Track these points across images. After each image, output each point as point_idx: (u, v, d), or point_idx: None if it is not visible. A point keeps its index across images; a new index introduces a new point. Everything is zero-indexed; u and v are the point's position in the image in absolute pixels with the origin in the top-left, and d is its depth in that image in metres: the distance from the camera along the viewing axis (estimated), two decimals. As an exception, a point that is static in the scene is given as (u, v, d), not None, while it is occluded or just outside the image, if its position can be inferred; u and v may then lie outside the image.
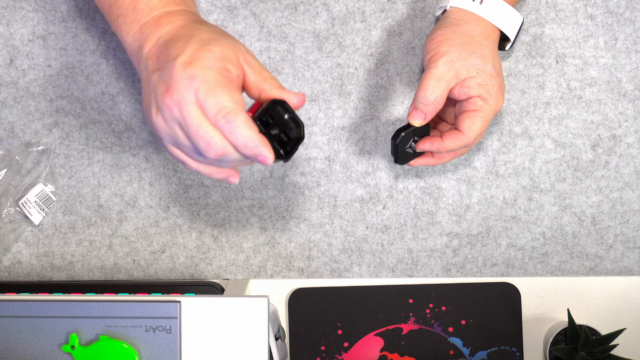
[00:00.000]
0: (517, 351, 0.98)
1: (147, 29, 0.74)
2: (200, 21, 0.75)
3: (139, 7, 0.75)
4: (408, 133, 0.84)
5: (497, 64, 0.83)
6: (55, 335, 0.82)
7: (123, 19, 0.75)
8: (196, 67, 0.68)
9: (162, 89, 0.69)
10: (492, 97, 0.82)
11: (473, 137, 0.82)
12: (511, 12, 0.85)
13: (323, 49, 0.96)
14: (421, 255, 0.98)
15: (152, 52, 0.73)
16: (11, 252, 0.98)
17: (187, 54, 0.69)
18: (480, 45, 0.82)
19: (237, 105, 0.68)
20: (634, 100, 0.96)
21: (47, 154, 0.97)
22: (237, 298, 0.81)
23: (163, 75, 0.70)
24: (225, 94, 0.68)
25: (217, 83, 0.68)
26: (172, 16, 0.74)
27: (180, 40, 0.71)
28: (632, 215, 0.97)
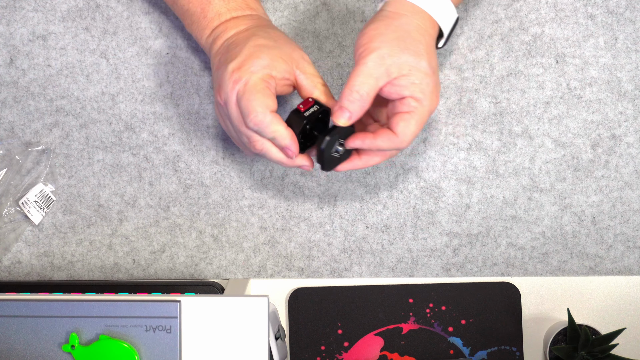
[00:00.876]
0: (517, 351, 0.98)
1: (216, 32, 0.83)
2: (262, 25, 0.82)
3: (209, 16, 0.83)
4: (333, 137, 0.78)
5: (432, 62, 0.77)
6: (56, 334, 0.82)
7: (196, 25, 0.84)
8: (242, 72, 0.76)
9: (215, 87, 0.79)
10: (426, 97, 0.76)
11: (407, 141, 0.77)
12: (449, 6, 0.79)
13: (323, 49, 0.96)
14: (421, 254, 0.98)
15: (219, 51, 0.81)
16: (11, 251, 0.98)
17: (238, 60, 0.77)
18: (414, 40, 0.76)
19: (265, 108, 0.75)
20: (634, 99, 0.96)
21: (47, 153, 0.97)
22: (237, 298, 0.81)
23: (218, 74, 0.79)
24: (256, 98, 0.75)
25: (254, 88, 0.75)
26: (238, 21, 0.83)
27: (239, 45, 0.79)
28: (632, 214, 0.97)
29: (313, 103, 0.79)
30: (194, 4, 0.84)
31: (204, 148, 0.97)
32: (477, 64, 0.96)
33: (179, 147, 0.97)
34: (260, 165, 0.97)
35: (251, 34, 0.80)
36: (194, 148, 0.97)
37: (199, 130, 0.97)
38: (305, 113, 0.78)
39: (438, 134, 0.97)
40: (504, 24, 0.95)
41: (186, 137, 0.97)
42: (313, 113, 0.78)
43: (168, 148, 0.97)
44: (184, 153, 0.97)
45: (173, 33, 0.96)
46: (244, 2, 0.84)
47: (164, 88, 0.96)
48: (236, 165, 0.97)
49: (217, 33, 0.83)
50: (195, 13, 0.84)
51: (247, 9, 0.84)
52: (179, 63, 0.96)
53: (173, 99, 0.96)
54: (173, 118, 0.97)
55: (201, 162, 0.97)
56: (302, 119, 0.78)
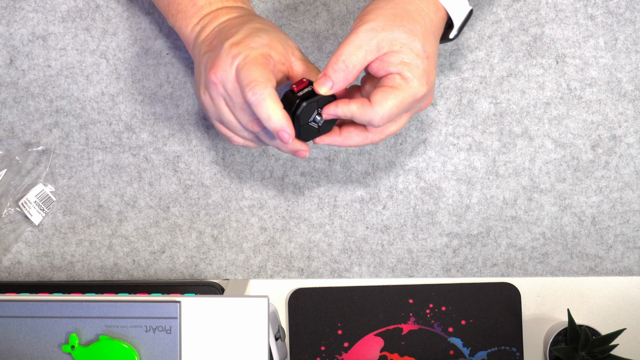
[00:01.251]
0: (517, 351, 0.98)
1: (205, 19, 0.79)
2: (256, 15, 0.80)
3: (199, 4, 0.80)
4: (311, 103, 0.72)
5: (428, 46, 0.73)
6: (55, 335, 0.82)
7: (183, 14, 0.80)
8: (241, 47, 0.72)
9: (209, 67, 0.74)
10: (414, 78, 0.72)
11: (380, 116, 0.72)
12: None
13: (323, 49, 0.96)
14: (421, 255, 0.98)
15: (207, 37, 0.77)
16: (11, 252, 0.98)
17: (236, 37, 0.73)
18: (412, 20, 0.72)
19: (266, 80, 0.70)
20: (634, 100, 0.96)
21: (47, 154, 0.97)
22: (237, 298, 0.81)
23: (212, 55, 0.74)
24: (257, 70, 0.71)
25: (254, 60, 0.71)
26: (230, 10, 0.79)
27: (235, 27, 0.75)
28: (632, 215, 0.97)
29: (307, 83, 0.74)
30: None
31: (204, 148, 0.97)
32: (477, 65, 0.96)
33: (179, 147, 0.97)
34: (260, 165, 0.97)
35: (247, 19, 0.77)
36: (194, 149, 0.97)
37: (199, 131, 0.97)
38: (299, 93, 0.73)
39: (438, 135, 0.97)
40: (504, 25, 0.95)
41: (186, 138, 0.97)
42: (308, 93, 0.73)
43: (168, 148, 0.97)
44: (184, 153, 0.97)
45: (173, 33, 0.96)
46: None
47: (164, 88, 0.96)
48: (236, 165, 0.97)
49: (207, 20, 0.79)
50: (183, 2, 0.80)
51: (239, 1, 0.81)
52: (179, 63, 0.96)
53: (173, 100, 0.96)
54: (173, 118, 0.97)
55: (201, 162, 0.97)
56: (296, 98, 0.73)
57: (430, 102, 0.77)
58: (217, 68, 0.73)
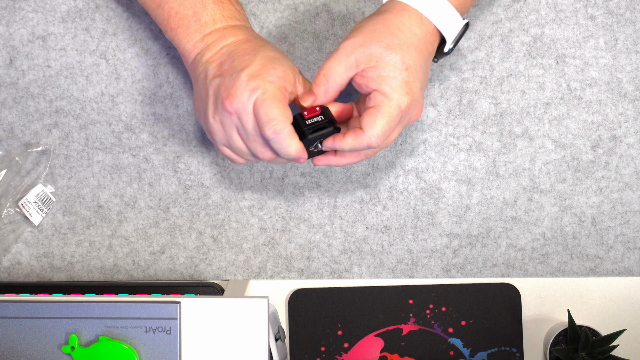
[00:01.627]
0: (517, 352, 0.98)
1: (210, 38, 0.80)
2: (261, 38, 0.81)
3: (203, 20, 0.80)
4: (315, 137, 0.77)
5: (408, 58, 0.75)
6: (55, 336, 0.82)
7: (184, 29, 0.81)
8: (260, 81, 0.74)
9: (223, 95, 0.75)
10: (393, 91, 0.74)
11: (375, 137, 0.75)
12: (447, 8, 0.77)
13: (323, 49, 0.96)
14: (421, 255, 0.98)
15: (214, 58, 0.78)
16: (11, 252, 0.98)
17: (253, 67, 0.75)
18: (390, 34, 0.75)
19: (285, 119, 0.74)
20: (634, 100, 0.96)
21: (46, 154, 0.97)
22: (237, 299, 0.81)
23: (225, 82, 0.76)
24: (277, 107, 0.74)
25: (274, 97, 0.74)
26: (236, 29, 0.80)
27: (247, 54, 0.77)
28: (633, 215, 0.97)
29: (319, 112, 0.78)
30: (186, 6, 0.81)
31: (204, 149, 0.97)
32: (477, 65, 0.96)
33: (178, 148, 0.97)
34: (260, 166, 0.97)
35: (257, 45, 0.79)
36: (193, 149, 0.97)
37: (199, 131, 0.97)
38: (308, 121, 0.77)
39: (438, 135, 0.97)
40: (504, 25, 0.95)
41: (186, 138, 0.97)
42: (316, 122, 0.78)
43: (168, 149, 0.97)
44: (184, 154, 0.97)
45: (173, 34, 0.96)
46: (239, 13, 0.82)
47: (164, 89, 0.96)
48: (236, 166, 0.97)
49: (212, 39, 0.80)
50: (186, 16, 0.81)
51: (242, 19, 0.83)
52: (179, 64, 0.96)
53: (173, 100, 0.96)
54: (173, 119, 0.96)
55: (201, 163, 0.97)
56: (305, 127, 0.77)
57: (420, 114, 0.80)
58: (234, 98, 0.75)
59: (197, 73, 0.80)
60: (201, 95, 0.79)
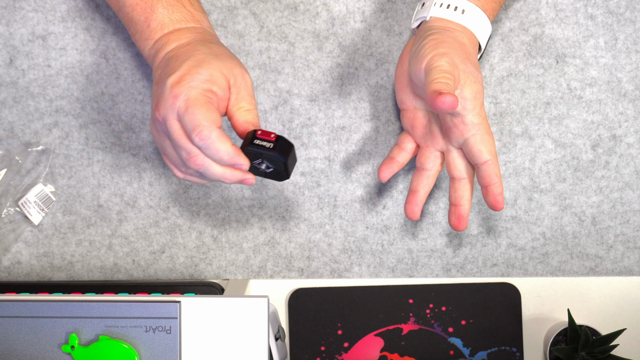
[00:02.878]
0: (517, 351, 0.98)
1: (158, 44, 0.79)
2: (205, 40, 0.79)
3: (152, 26, 0.80)
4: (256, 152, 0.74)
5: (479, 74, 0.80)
6: (55, 335, 0.82)
7: (139, 35, 0.81)
8: (181, 87, 0.73)
9: (154, 103, 0.76)
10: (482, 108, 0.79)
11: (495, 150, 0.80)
12: (487, 23, 0.82)
13: (323, 49, 0.96)
14: (421, 255, 0.98)
15: (158, 65, 0.78)
16: (11, 252, 0.98)
17: (177, 74, 0.74)
18: (471, 53, 0.79)
19: (211, 123, 0.71)
20: (634, 100, 0.96)
21: (46, 154, 0.97)
22: (237, 298, 0.81)
23: (157, 90, 0.75)
24: (201, 112, 0.72)
25: (196, 102, 0.72)
26: (181, 33, 0.79)
27: (179, 59, 0.76)
28: (633, 215, 0.97)
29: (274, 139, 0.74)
30: (138, 12, 0.80)
31: (204, 148, 0.97)
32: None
33: (178, 147, 0.97)
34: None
35: (192, 48, 0.77)
36: (193, 148, 0.97)
37: (199, 131, 0.97)
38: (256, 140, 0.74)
39: (438, 135, 0.97)
40: (504, 24, 0.95)
41: (186, 138, 0.97)
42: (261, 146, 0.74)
43: (168, 148, 0.97)
44: (184, 153, 0.97)
45: (173, 33, 0.96)
46: (189, 14, 0.80)
47: (164, 88, 0.96)
48: (236, 165, 0.97)
49: (159, 45, 0.79)
50: (139, 22, 0.80)
51: (192, 20, 0.80)
52: (178, 63, 0.96)
53: (173, 99, 0.96)
54: (173, 118, 0.96)
55: (201, 162, 0.97)
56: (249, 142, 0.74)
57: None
58: (160, 105, 0.74)
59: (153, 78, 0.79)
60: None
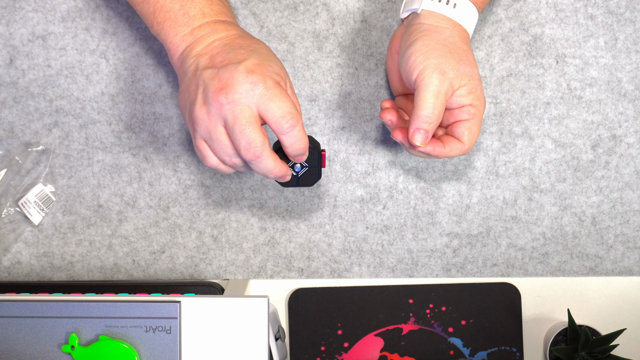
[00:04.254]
0: (517, 351, 0.98)
1: (200, 31, 0.79)
2: (253, 37, 0.81)
3: (191, 13, 0.79)
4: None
5: (477, 68, 0.82)
6: (55, 335, 0.82)
7: (171, 22, 0.80)
8: (259, 75, 0.73)
9: (216, 86, 0.74)
10: (480, 102, 0.81)
11: (473, 144, 0.83)
12: (476, 15, 0.84)
13: (323, 49, 0.96)
14: (421, 255, 0.98)
15: (205, 51, 0.77)
16: (11, 252, 0.98)
17: (250, 61, 0.74)
18: (464, 51, 0.81)
19: (298, 112, 0.75)
20: (634, 100, 0.96)
21: (46, 154, 0.97)
22: (237, 298, 0.81)
23: (220, 73, 0.74)
24: (288, 101, 0.74)
25: (279, 91, 0.74)
26: (227, 25, 0.80)
27: (243, 48, 0.76)
28: (633, 215, 0.97)
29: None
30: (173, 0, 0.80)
31: (204, 148, 0.97)
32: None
33: (178, 147, 0.97)
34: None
35: (252, 42, 0.78)
36: (194, 148, 0.97)
37: (199, 131, 0.97)
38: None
39: (438, 135, 0.97)
40: (504, 25, 0.95)
41: (186, 138, 0.97)
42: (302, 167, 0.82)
43: (168, 148, 0.97)
44: (184, 153, 0.97)
45: (173, 33, 0.96)
46: (228, 10, 0.81)
47: (164, 88, 0.96)
48: (236, 165, 0.97)
49: (202, 32, 0.79)
50: (173, 9, 0.80)
51: (232, 17, 0.82)
52: (178, 63, 0.96)
53: (173, 100, 0.96)
54: (173, 118, 0.96)
55: (201, 162, 0.97)
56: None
57: None
58: (230, 89, 0.73)
59: (185, 67, 0.78)
60: (189, 87, 0.77)
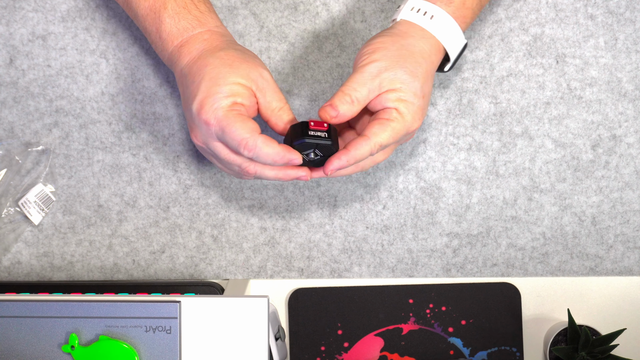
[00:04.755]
0: (517, 351, 0.98)
1: (173, 57, 0.81)
2: (213, 48, 0.79)
3: (163, 37, 0.81)
4: (310, 143, 0.76)
5: (426, 87, 0.78)
6: (55, 335, 0.82)
7: (155, 46, 0.83)
8: (207, 113, 0.75)
9: (189, 128, 0.79)
10: (409, 114, 0.77)
11: (379, 144, 0.77)
12: (458, 32, 0.81)
13: (323, 49, 0.96)
14: (421, 255, 0.98)
15: (180, 82, 0.80)
16: (11, 252, 0.98)
17: (198, 98, 0.75)
18: (415, 62, 0.78)
19: (252, 132, 0.74)
20: (634, 100, 0.96)
21: (46, 154, 0.97)
22: (237, 298, 0.81)
23: (187, 115, 0.79)
24: (237, 127, 0.74)
25: (228, 120, 0.74)
26: (190, 45, 0.80)
27: (195, 79, 0.77)
28: (633, 215, 0.97)
29: (326, 129, 0.77)
30: (149, 23, 0.81)
31: (204, 148, 0.97)
32: (477, 64, 0.96)
33: (179, 147, 0.97)
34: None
35: (203, 63, 0.77)
36: (193, 148, 0.97)
37: (199, 131, 0.97)
38: (311, 132, 0.76)
39: (438, 135, 0.97)
40: (504, 24, 0.95)
41: (186, 138, 0.97)
42: (317, 136, 0.76)
43: (168, 148, 0.97)
44: (184, 153, 0.97)
45: (173, 33, 0.96)
46: (195, 19, 0.80)
47: (164, 88, 0.96)
48: (236, 165, 0.97)
49: (174, 58, 0.80)
50: (152, 33, 0.82)
51: (199, 25, 0.80)
52: (178, 63, 0.96)
53: (173, 99, 0.96)
54: (173, 118, 0.97)
55: (201, 162, 0.97)
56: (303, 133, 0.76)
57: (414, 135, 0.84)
58: (197, 134, 0.78)
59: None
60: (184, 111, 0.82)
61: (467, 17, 0.82)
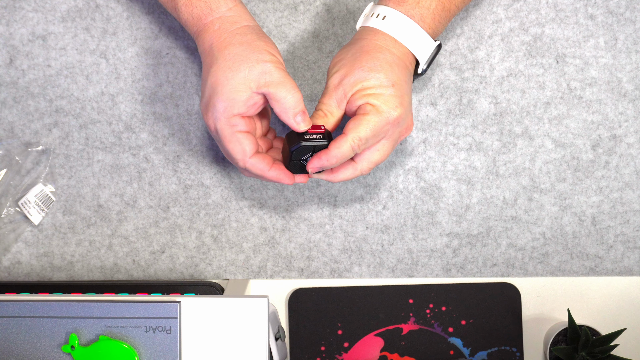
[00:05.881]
0: (517, 351, 0.98)
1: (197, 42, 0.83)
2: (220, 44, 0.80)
3: (183, 24, 0.84)
4: (307, 147, 0.79)
5: (392, 75, 0.79)
6: (55, 335, 0.82)
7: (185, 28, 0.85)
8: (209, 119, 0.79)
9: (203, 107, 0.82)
10: (381, 104, 0.78)
11: (357, 138, 0.77)
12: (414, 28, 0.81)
13: (323, 49, 0.96)
14: (421, 255, 0.98)
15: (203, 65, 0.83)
16: (11, 252, 0.98)
17: (203, 101, 0.80)
18: (371, 57, 0.79)
19: (242, 155, 0.79)
20: (634, 100, 0.96)
21: (46, 154, 0.97)
22: (237, 298, 0.81)
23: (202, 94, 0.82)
24: (231, 148, 0.79)
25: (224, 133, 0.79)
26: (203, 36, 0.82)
27: (205, 73, 0.80)
28: (633, 215, 0.97)
29: (323, 131, 0.80)
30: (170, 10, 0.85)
31: (204, 148, 0.97)
32: (477, 64, 0.96)
33: (178, 147, 0.97)
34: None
35: (210, 62, 0.79)
36: (193, 148, 0.97)
37: (199, 131, 0.97)
38: (306, 136, 0.79)
39: (438, 135, 0.97)
40: (504, 24, 0.95)
41: (186, 138, 0.97)
42: (314, 139, 0.79)
43: (168, 148, 0.97)
44: (184, 153, 0.97)
45: (173, 33, 0.96)
46: (206, 6, 0.81)
47: (164, 88, 0.96)
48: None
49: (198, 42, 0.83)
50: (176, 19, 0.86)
51: (209, 13, 0.81)
52: (178, 63, 0.96)
53: (173, 99, 0.96)
54: (173, 118, 0.96)
55: (201, 162, 0.97)
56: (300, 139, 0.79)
57: (411, 129, 0.83)
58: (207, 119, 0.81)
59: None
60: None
61: (425, 17, 0.81)
